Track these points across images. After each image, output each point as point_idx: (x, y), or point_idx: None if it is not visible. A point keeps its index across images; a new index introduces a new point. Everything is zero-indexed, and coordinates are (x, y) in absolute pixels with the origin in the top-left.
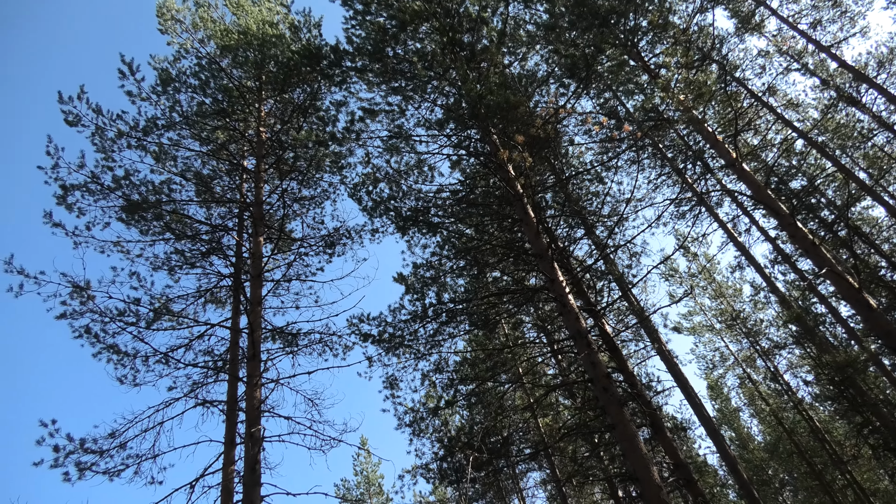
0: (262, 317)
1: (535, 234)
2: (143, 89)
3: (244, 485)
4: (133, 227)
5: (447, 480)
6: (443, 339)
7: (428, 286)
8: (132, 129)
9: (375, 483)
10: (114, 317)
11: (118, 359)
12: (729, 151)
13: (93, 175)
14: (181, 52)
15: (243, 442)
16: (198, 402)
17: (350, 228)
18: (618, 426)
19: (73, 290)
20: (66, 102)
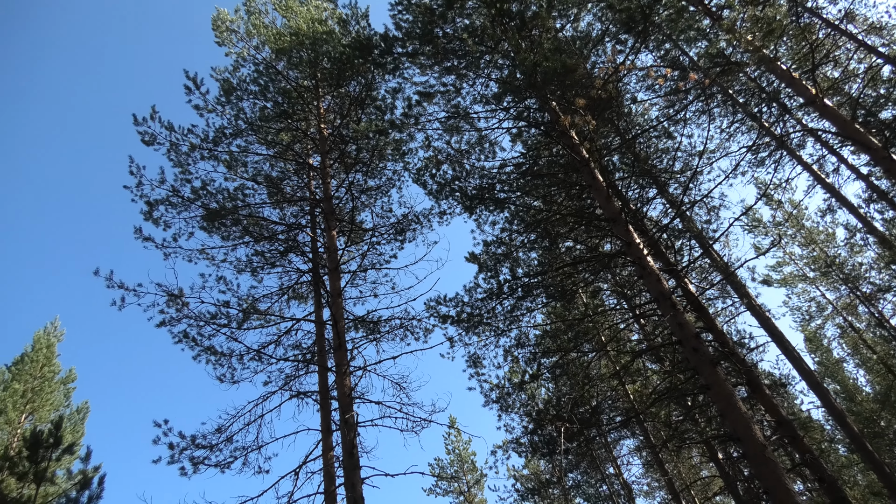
0: (344, 308)
1: (605, 199)
2: (209, 101)
3: (344, 468)
4: (215, 234)
5: (539, 453)
6: (521, 314)
7: (500, 263)
8: (203, 140)
9: (468, 460)
10: (207, 320)
11: (216, 359)
12: (807, 88)
13: (173, 189)
14: (239, 61)
15: (339, 428)
16: (292, 394)
17: (418, 213)
18: (713, 386)
19: (168, 299)
20: (140, 124)
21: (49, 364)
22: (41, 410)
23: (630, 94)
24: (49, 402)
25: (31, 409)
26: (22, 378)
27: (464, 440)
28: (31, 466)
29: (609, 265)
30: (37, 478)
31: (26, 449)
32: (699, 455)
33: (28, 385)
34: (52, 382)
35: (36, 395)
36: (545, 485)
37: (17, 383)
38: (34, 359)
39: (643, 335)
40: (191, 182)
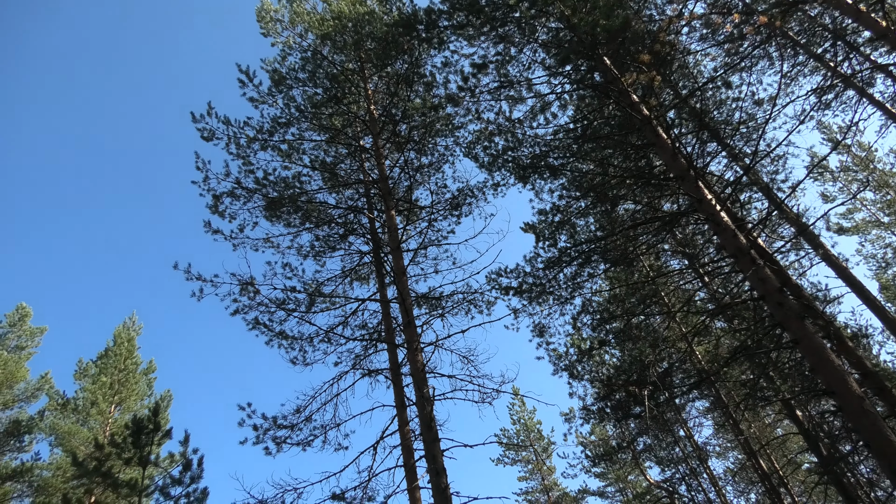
0: (408, 285)
1: (671, 156)
2: (262, 93)
3: (424, 441)
4: (277, 222)
5: (608, 419)
6: (583, 281)
7: (559, 230)
8: (258, 132)
9: (534, 429)
10: (278, 305)
11: (288, 343)
12: (876, 21)
13: (237, 181)
14: (286, 50)
15: (412, 403)
16: (363, 372)
17: (472, 187)
18: (801, 341)
19: (241, 288)
20: (198, 121)
21: (131, 357)
22: (128, 400)
23: (683, 46)
24: (134, 393)
25: (118, 399)
26: (108, 371)
27: (528, 410)
28: (135, 451)
29: (672, 225)
30: (141, 461)
31: (129, 435)
32: (774, 414)
33: (114, 377)
34: (135, 374)
35: (122, 386)
36: (615, 450)
37: (104, 376)
38: (117, 352)
39: (709, 294)
40: (254, 173)
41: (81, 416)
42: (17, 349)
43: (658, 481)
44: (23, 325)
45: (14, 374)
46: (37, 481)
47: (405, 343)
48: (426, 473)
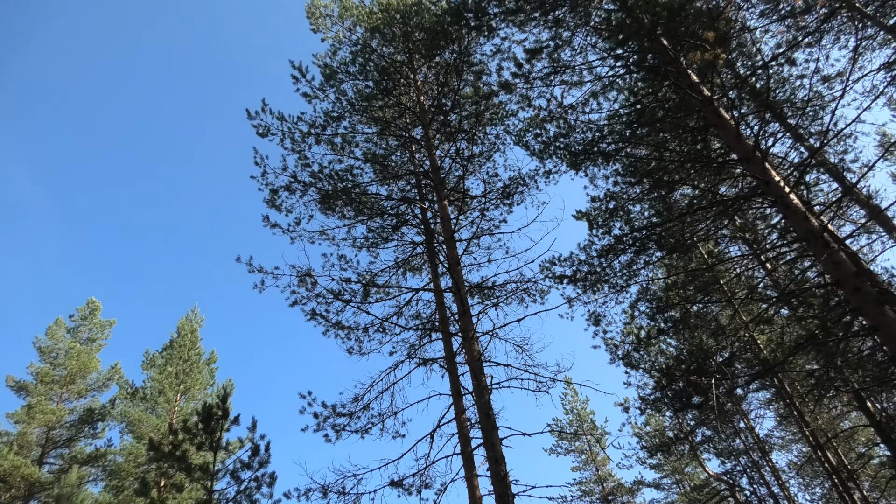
0: (462, 275)
1: (735, 137)
2: (314, 88)
3: (482, 429)
4: (332, 215)
5: (666, 409)
6: (639, 269)
7: (613, 217)
8: (312, 126)
9: (587, 420)
10: (335, 296)
11: (344, 333)
12: None
13: (293, 175)
14: (335, 45)
15: (469, 392)
16: (419, 361)
17: (524, 175)
18: (881, 328)
19: (300, 279)
20: (254, 118)
21: (194, 347)
22: (192, 389)
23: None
24: (198, 382)
25: (183, 388)
26: (173, 361)
27: (581, 400)
28: (206, 436)
29: (734, 210)
30: (212, 446)
31: (200, 421)
32: (842, 405)
33: (179, 367)
34: (198, 364)
35: (186, 375)
36: (672, 441)
37: (170, 366)
38: (181, 343)
39: (772, 281)
40: (310, 166)
41: (150, 405)
42: (88, 341)
43: (718, 473)
44: (93, 319)
45: (86, 364)
46: (110, 466)
47: (460, 332)
48: (484, 462)
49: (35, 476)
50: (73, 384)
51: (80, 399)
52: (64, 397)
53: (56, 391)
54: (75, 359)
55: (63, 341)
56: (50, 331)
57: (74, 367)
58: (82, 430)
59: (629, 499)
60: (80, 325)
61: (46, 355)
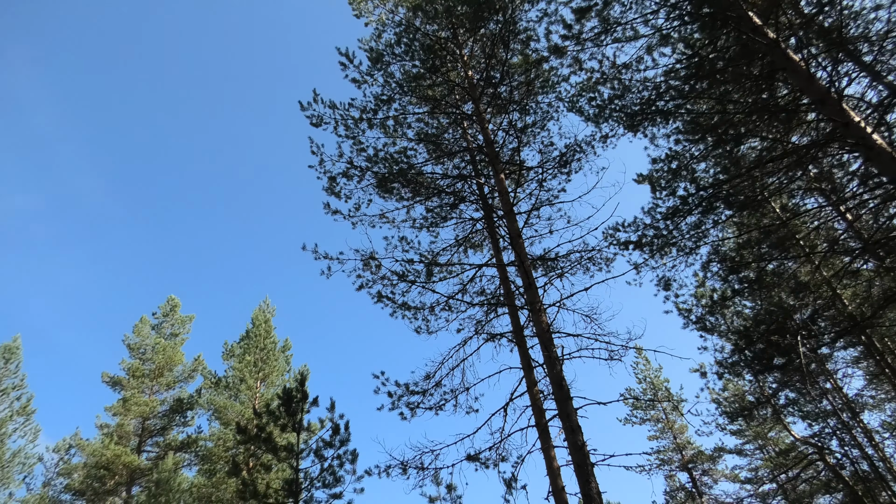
0: (525, 247)
1: (806, 80)
2: (362, 72)
3: (556, 400)
4: (390, 198)
5: (745, 373)
6: (707, 229)
7: (676, 178)
8: (363, 111)
9: (661, 388)
10: (399, 277)
11: (411, 314)
12: None
13: (350, 161)
14: (379, 27)
15: (539, 365)
16: (486, 337)
17: (580, 142)
18: None
19: (364, 263)
20: (306, 108)
21: (269, 336)
22: (271, 376)
23: None
24: (275, 369)
25: (262, 375)
26: (250, 350)
27: (654, 368)
28: (288, 418)
29: (808, 159)
30: (295, 427)
31: (281, 404)
32: None
33: (256, 356)
34: (274, 352)
35: (264, 363)
36: (753, 405)
37: (248, 355)
38: (256, 333)
39: (854, 232)
40: (365, 151)
41: (233, 392)
42: (171, 336)
43: (805, 437)
44: (174, 315)
45: (172, 358)
46: (202, 451)
47: (526, 305)
48: (560, 432)
49: (135, 463)
50: (162, 377)
51: (169, 390)
52: (154, 389)
53: (147, 384)
54: (161, 353)
55: (149, 338)
56: (136, 328)
57: (161, 361)
58: (174, 418)
59: (710, 466)
60: (163, 321)
61: (135, 351)
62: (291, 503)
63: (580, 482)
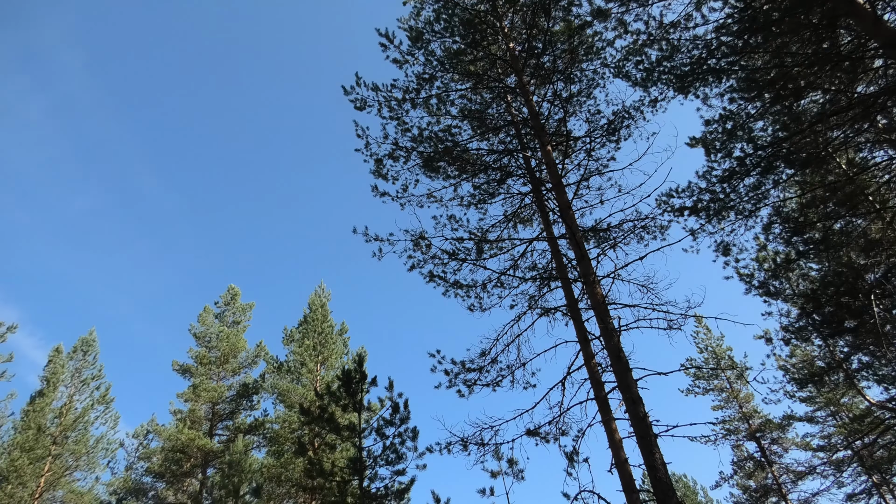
0: (575, 219)
1: (872, 23)
2: (403, 52)
3: (615, 372)
4: (436, 177)
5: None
6: (767, 190)
7: (731, 139)
8: (406, 91)
9: (724, 357)
10: (450, 256)
11: (463, 292)
12: None
13: (395, 142)
14: (417, 5)
15: (596, 337)
16: (541, 311)
17: (628, 108)
18: None
19: (414, 243)
20: (350, 92)
21: (325, 321)
22: (330, 359)
23: None
24: (334, 353)
25: (321, 359)
26: (309, 335)
27: (716, 337)
28: (349, 398)
29: (875, 109)
30: (356, 406)
31: (341, 385)
32: None
33: (315, 340)
34: (331, 335)
35: (323, 347)
36: (824, 371)
37: (307, 340)
38: (313, 318)
39: None
40: (409, 131)
41: (294, 376)
42: (234, 324)
43: (881, 401)
44: (235, 304)
45: (235, 345)
46: (269, 433)
47: (580, 278)
48: (620, 404)
49: (208, 446)
50: (227, 363)
51: (235, 376)
52: (221, 376)
53: (214, 371)
54: (225, 341)
55: (213, 326)
56: (200, 318)
57: (226, 349)
58: (241, 403)
59: (779, 434)
60: (225, 310)
61: (201, 340)
62: (356, 480)
63: (643, 453)
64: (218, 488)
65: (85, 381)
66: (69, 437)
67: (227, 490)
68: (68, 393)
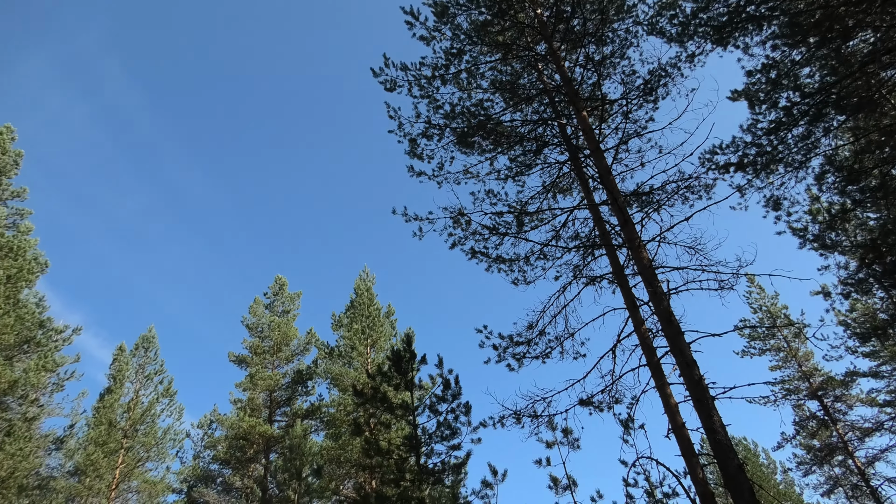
0: (616, 184)
1: None
2: (429, 28)
3: (666, 336)
4: (471, 152)
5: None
6: (818, 139)
7: (777, 88)
8: (435, 68)
9: (779, 315)
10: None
11: (507, 266)
12: None
13: (428, 120)
14: None
15: (644, 303)
16: (586, 281)
17: (665, 65)
18: None
19: (454, 220)
20: (378, 74)
21: (372, 304)
22: (379, 342)
23: None
24: (382, 335)
25: (370, 342)
26: (357, 319)
27: (769, 295)
28: (400, 377)
29: None
30: (407, 385)
31: (392, 365)
32: None
33: (363, 324)
34: (378, 318)
35: (371, 330)
36: (888, 323)
37: (355, 324)
38: (360, 302)
39: None
40: (441, 108)
41: (345, 360)
42: (283, 313)
43: None
44: (283, 293)
45: (287, 333)
46: (325, 416)
47: (624, 243)
48: (674, 369)
49: (269, 432)
50: (280, 352)
51: (288, 363)
52: (276, 364)
53: (268, 359)
54: (277, 330)
55: (264, 317)
56: (251, 309)
57: (278, 337)
58: (296, 389)
59: (843, 391)
60: (274, 300)
61: (254, 330)
62: (413, 457)
63: (701, 417)
64: (281, 472)
65: (148, 376)
66: (138, 430)
67: (289, 473)
68: (134, 388)
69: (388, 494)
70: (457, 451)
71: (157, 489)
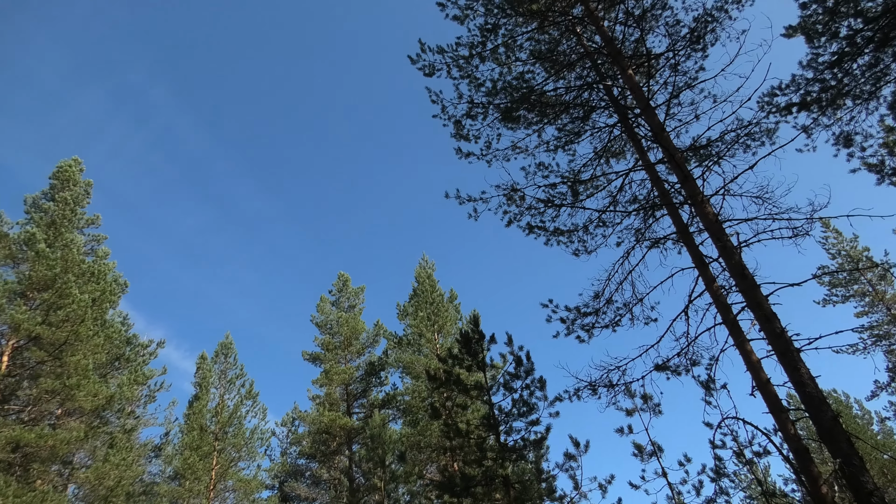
0: (671, 140)
1: None
2: (462, 6)
3: (741, 291)
4: (517, 127)
5: None
6: (887, 66)
7: (835, 17)
8: (471, 47)
9: (861, 258)
10: (546, 204)
11: (566, 238)
12: None
13: (470, 100)
14: None
15: (714, 260)
16: (650, 243)
17: (709, 10)
18: None
19: (507, 197)
20: (416, 61)
21: (434, 290)
22: (445, 327)
23: None
24: (448, 320)
25: (437, 328)
26: (422, 307)
27: (847, 239)
28: (471, 358)
29: None
30: (479, 365)
31: (462, 347)
32: None
33: (428, 311)
34: (442, 304)
35: (436, 316)
36: None
37: (420, 312)
38: (423, 290)
39: None
40: (482, 86)
41: (414, 348)
42: (349, 308)
43: None
44: (347, 289)
45: (355, 328)
46: (401, 405)
47: (686, 200)
48: (752, 324)
49: (349, 424)
50: (351, 346)
51: (360, 357)
52: (348, 358)
53: (340, 354)
54: (345, 325)
55: (331, 314)
56: (319, 307)
57: (347, 332)
58: (370, 381)
59: None
60: (339, 296)
61: (323, 328)
62: (492, 436)
63: (787, 370)
64: (365, 461)
65: (231, 380)
66: (228, 433)
67: (373, 462)
68: (219, 393)
69: (471, 474)
70: (536, 427)
71: (251, 487)
